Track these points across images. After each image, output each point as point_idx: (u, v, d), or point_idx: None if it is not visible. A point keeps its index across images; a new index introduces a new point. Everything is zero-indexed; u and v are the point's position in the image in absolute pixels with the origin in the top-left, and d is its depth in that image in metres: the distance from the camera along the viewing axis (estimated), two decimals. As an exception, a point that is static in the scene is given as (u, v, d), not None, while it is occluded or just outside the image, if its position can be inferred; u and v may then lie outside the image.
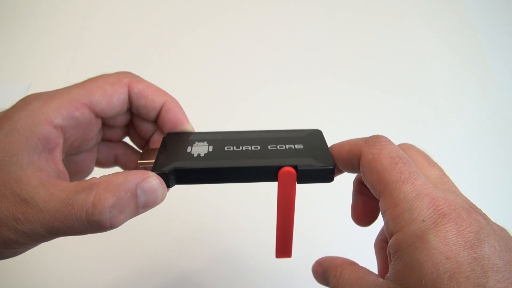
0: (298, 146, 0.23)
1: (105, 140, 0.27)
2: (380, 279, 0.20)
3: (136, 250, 0.39)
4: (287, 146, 0.23)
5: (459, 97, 0.55)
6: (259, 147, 0.23)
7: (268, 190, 0.28)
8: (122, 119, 0.26)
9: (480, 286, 0.15)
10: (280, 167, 0.21)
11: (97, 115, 0.24)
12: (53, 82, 0.54)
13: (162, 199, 0.21)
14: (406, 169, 0.19)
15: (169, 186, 0.22)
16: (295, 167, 0.21)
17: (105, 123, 0.26)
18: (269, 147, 0.23)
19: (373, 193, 0.21)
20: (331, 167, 0.22)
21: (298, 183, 0.22)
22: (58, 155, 0.22)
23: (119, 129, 0.27)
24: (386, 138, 0.21)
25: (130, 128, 0.28)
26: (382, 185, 0.20)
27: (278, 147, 0.23)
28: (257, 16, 0.64)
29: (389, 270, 0.19)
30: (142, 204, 0.20)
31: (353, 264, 0.23)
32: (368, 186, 0.21)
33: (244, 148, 0.23)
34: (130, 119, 0.27)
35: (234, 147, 0.23)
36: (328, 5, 0.65)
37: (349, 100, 0.53)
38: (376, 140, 0.21)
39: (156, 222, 0.39)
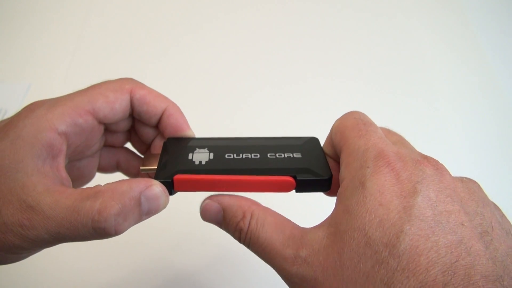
0: (296, 155, 0.24)
1: (107, 145, 0.28)
2: (308, 227, 0.20)
3: (136, 249, 0.39)
4: (286, 155, 0.24)
5: (459, 97, 0.55)
6: (258, 155, 0.23)
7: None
8: (124, 125, 0.26)
9: (402, 233, 0.16)
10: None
11: (100, 121, 0.24)
12: (53, 82, 0.55)
13: (165, 206, 0.22)
14: (365, 128, 0.21)
15: (171, 193, 0.22)
16: (294, 178, 0.22)
17: (107, 128, 0.26)
18: (268, 155, 0.23)
19: (338, 154, 0.22)
20: (327, 178, 0.22)
21: (296, 192, 0.23)
22: (62, 161, 0.22)
23: (121, 134, 0.27)
24: (358, 111, 0.23)
25: (131, 133, 0.28)
26: (343, 141, 0.21)
27: (277, 155, 0.24)
28: (255, 20, 0.64)
29: (329, 215, 0.19)
30: (145, 211, 0.21)
31: (262, 207, 0.22)
32: (335, 149, 0.22)
33: (244, 156, 0.23)
34: (132, 124, 0.27)
35: (235, 155, 0.23)
36: (326, 6, 0.66)
37: (348, 101, 0.53)
38: (348, 112, 0.23)
39: (156, 220, 0.39)
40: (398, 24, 0.64)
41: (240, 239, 0.21)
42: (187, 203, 0.41)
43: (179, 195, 0.23)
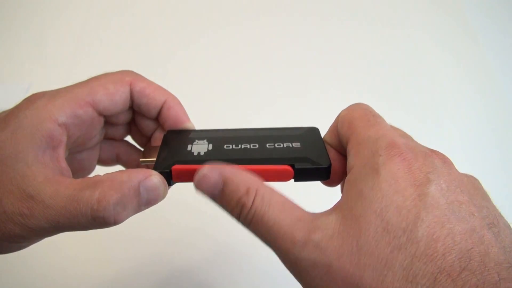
0: (296, 145, 0.24)
1: (107, 138, 0.28)
2: (316, 212, 0.19)
3: (137, 243, 0.39)
4: (285, 145, 0.24)
5: (461, 101, 0.55)
6: (257, 146, 0.23)
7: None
8: (124, 117, 0.27)
9: (419, 219, 0.16)
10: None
11: (100, 113, 0.24)
12: (53, 83, 0.55)
13: (164, 197, 0.22)
14: (374, 119, 0.21)
15: (170, 184, 0.22)
16: (292, 166, 0.22)
17: (108, 121, 0.26)
18: (267, 145, 0.23)
19: (343, 144, 0.22)
20: (326, 166, 0.22)
21: (295, 181, 0.23)
22: (62, 152, 0.22)
23: (121, 127, 0.28)
24: (364, 103, 0.23)
25: (131, 126, 0.28)
26: (351, 131, 0.21)
27: (276, 145, 0.23)
28: (257, 17, 0.64)
29: (338, 201, 0.19)
30: (144, 201, 0.21)
31: (268, 186, 0.20)
32: (341, 139, 0.22)
33: (243, 146, 0.23)
34: (132, 117, 0.27)
35: (233, 146, 0.23)
36: (329, 10, 0.66)
37: (347, 100, 0.53)
38: (354, 103, 0.23)
39: (156, 217, 0.39)
40: (398, 25, 0.64)
41: (239, 217, 0.19)
42: (188, 201, 0.41)
43: (180, 191, 0.23)
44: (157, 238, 0.40)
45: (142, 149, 0.28)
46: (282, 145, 0.23)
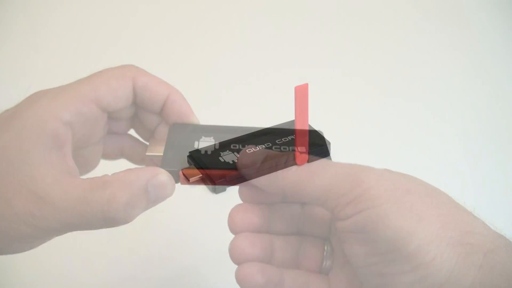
0: (301, 149, 0.22)
1: (110, 133, 0.27)
2: None
3: (136, 246, 0.39)
4: (291, 149, 0.23)
5: (461, 100, 0.54)
6: (264, 147, 0.23)
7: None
8: (127, 112, 0.26)
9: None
10: None
11: (103, 110, 0.24)
12: (53, 83, 0.54)
13: (171, 194, 0.22)
14: None
15: (177, 181, 0.22)
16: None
17: (111, 116, 0.26)
18: (273, 148, 0.23)
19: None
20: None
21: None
22: (68, 151, 0.22)
23: (124, 121, 0.27)
24: None
25: (135, 120, 0.28)
26: None
27: (282, 149, 0.23)
28: (260, 12, 0.63)
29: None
30: (152, 199, 0.21)
31: None
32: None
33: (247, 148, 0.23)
34: (135, 111, 0.27)
35: (240, 146, 0.23)
36: (328, 8, 0.65)
37: (348, 102, 0.53)
38: None
39: (157, 216, 0.39)
40: (398, 23, 0.63)
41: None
42: (191, 200, 0.41)
43: (185, 191, 0.23)
44: (157, 239, 0.40)
45: (146, 143, 0.28)
46: (287, 149, 0.23)
